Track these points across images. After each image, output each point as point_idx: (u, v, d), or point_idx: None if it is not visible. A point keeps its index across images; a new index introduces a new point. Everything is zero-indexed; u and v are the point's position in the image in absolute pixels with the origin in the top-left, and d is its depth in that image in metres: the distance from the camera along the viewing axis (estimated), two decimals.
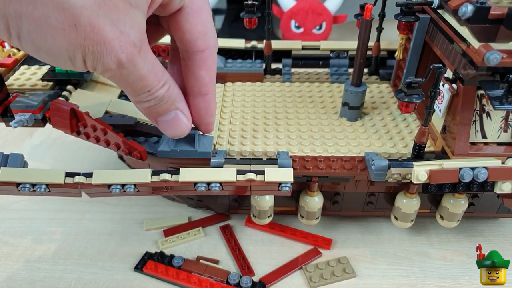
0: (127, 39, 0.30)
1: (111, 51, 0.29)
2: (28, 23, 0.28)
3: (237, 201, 0.52)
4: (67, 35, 0.28)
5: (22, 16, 0.27)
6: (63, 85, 0.50)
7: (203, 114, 0.39)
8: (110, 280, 0.47)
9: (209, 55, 0.37)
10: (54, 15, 0.27)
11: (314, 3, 0.95)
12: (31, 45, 0.29)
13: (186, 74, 0.37)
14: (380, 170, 0.41)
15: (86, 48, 0.29)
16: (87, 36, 0.28)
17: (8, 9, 0.27)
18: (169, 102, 0.36)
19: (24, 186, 0.41)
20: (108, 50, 0.29)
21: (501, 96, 0.38)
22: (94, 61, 0.30)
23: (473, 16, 0.36)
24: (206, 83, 0.38)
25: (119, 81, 0.32)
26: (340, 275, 0.47)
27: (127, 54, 0.30)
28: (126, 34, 0.30)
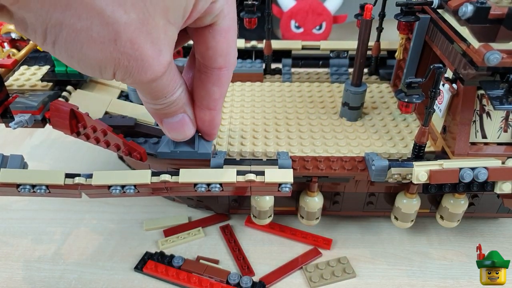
0: (164, 58, 0.31)
1: (148, 68, 0.31)
2: (68, 33, 0.28)
3: (237, 201, 0.52)
4: (104, 48, 0.29)
5: (63, 25, 0.28)
6: (62, 85, 0.50)
7: (207, 126, 0.40)
8: (110, 280, 0.47)
9: (226, 73, 0.37)
10: (96, 28, 0.28)
11: (314, 3, 0.95)
12: (65, 53, 0.30)
13: (199, 85, 0.37)
14: (380, 170, 0.41)
15: (121, 63, 0.30)
16: (125, 51, 0.29)
17: (50, 16, 0.28)
18: (178, 105, 0.36)
19: (24, 187, 0.41)
20: (145, 67, 0.31)
21: (501, 96, 0.38)
22: (125, 74, 0.31)
23: (473, 16, 0.36)
24: (216, 99, 0.38)
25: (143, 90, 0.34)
26: (340, 275, 0.47)
27: (162, 72, 0.31)
28: (164, 53, 0.31)
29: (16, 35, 0.56)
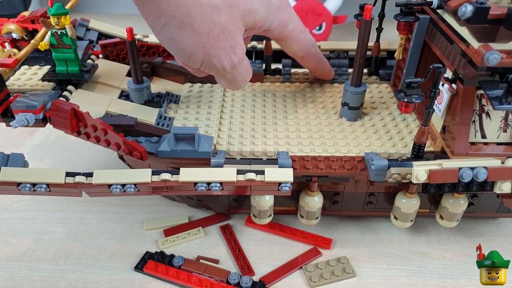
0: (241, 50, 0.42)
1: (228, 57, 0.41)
2: (178, 22, 0.38)
3: (237, 201, 0.52)
4: (200, 38, 0.39)
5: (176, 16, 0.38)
6: (63, 85, 0.50)
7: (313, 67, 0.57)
8: (111, 280, 0.47)
9: (308, 56, 0.53)
10: (197, 22, 0.39)
11: (313, 4, 0.95)
12: (168, 35, 0.39)
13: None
14: (379, 170, 0.41)
15: (209, 52, 0.40)
16: (214, 43, 0.40)
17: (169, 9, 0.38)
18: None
19: (25, 186, 0.41)
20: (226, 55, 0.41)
21: (500, 96, 0.38)
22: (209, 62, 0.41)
23: (473, 16, 0.36)
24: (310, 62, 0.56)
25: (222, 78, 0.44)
26: (340, 275, 0.47)
27: (239, 60, 0.42)
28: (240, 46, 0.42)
29: (17, 35, 0.56)
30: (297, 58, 0.54)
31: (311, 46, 0.52)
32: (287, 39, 0.49)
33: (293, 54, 0.53)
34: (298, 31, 0.49)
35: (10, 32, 0.56)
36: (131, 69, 0.50)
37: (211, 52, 0.40)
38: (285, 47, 0.51)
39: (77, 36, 0.55)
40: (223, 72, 0.42)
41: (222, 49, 0.41)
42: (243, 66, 0.44)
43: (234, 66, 0.42)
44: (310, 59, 0.54)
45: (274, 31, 0.46)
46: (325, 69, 0.58)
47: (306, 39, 0.51)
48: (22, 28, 0.56)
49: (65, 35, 0.47)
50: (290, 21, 0.47)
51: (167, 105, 0.54)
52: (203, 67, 0.42)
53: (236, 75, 0.44)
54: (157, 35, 0.41)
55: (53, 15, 0.46)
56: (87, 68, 0.52)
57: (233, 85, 0.46)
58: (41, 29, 0.54)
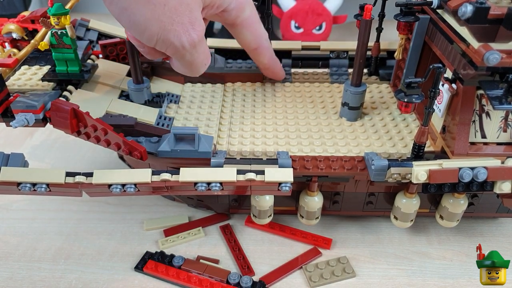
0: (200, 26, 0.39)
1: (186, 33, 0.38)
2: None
3: (237, 201, 0.52)
4: (155, 10, 0.36)
5: None
6: (63, 85, 0.50)
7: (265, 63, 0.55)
8: (111, 280, 0.47)
9: (261, 50, 0.52)
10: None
11: (314, 4, 0.95)
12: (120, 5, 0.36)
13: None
14: (379, 170, 0.41)
15: (165, 26, 0.37)
16: (170, 16, 0.37)
17: None
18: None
19: (25, 186, 0.41)
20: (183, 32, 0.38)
21: (500, 96, 0.38)
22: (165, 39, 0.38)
23: (473, 16, 0.36)
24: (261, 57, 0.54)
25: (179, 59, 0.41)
26: (340, 275, 0.47)
27: (198, 39, 0.39)
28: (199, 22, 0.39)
29: (17, 35, 0.56)
30: (249, 50, 0.52)
31: (265, 40, 0.51)
32: (242, 25, 0.47)
33: (246, 45, 0.51)
34: (254, 20, 0.48)
35: (10, 32, 0.56)
36: (131, 69, 0.50)
37: (167, 26, 0.37)
38: (239, 35, 0.49)
39: (77, 36, 0.55)
40: (182, 50, 0.39)
41: (180, 24, 0.38)
42: (203, 46, 0.41)
43: (193, 44, 0.39)
44: (262, 52, 0.52)
45: (231, 13, 0.45)
46: (276, 68, 0.56)
47: (261, 30, 0.50)
48: (22, 28, 0.56)
49: (65, 35, 0.47)
50: (247, 5, 0.46)
51: (167, 105, 0.54)
52: (159, 45, 0.39)
53: (195, 56, 0.41)
54: (109, 6, 0.38)
55: (53, 15, 0.46)
56: (87, 68, 0.52)
57: (192, 69, 0.43)
58: (41, 29, 0.54)
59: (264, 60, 0.54)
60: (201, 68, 0.44)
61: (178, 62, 0.43)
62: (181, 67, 0.44)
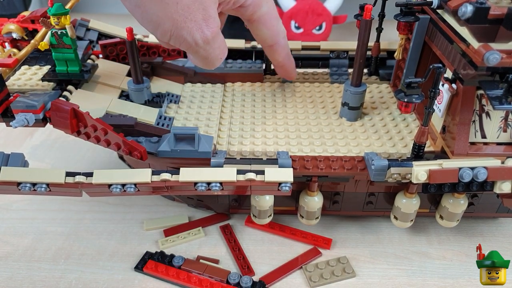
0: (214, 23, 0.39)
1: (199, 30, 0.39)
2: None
3: (237, 201, 0.52)
4: (167, 8, 0.37)
5: None
6: (63, 85, 0.50)
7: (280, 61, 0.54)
8: (111, 280, 0.47)
9: (277, 47, 0.51)
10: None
11: (314, 4, 0.95)
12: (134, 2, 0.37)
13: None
14: (379, 170, 0.41)
15: (178, 23, 0.37)
16: (183, 14, 0.37)
17: None
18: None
19: (25, 186, 0.41)
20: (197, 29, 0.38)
21: (500, 96, 0.38)
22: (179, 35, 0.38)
23: (473, 16, 0.36)
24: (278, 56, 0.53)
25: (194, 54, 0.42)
26: (340, 275, 0.47)
27: (212, 35, 0.39)
28: (214, 19, 0.39)
29: (17, 35, 0.56)
30: (266, 47, 0.52)
31: (282, 37, 0.51)
32: (259, 21, 0.47)
33: (262, 41, 0.50)
34: (272, 16, 0.47)
35: (10, 32, 0.56)
36: (131, 69, 0.50)
37: (180, 24, 0.38)
38: (255, 31, 0.49)
39: (77, 36, 0.55)
40: (196, 47, 0.40)
41: (193, 21, 0.38)
42: (217, 42, 0.41)
43: (207, 40, 0.40)
44: (278, 50, 0.51)
45: (248, 8, 0.44)
46: (290, 67, 0.55)
47: (278, 27, 0.49)
48: (22, 28, 0.56)
49: (65, 35, 0.47)
50: (264, 2, 0.45)
51: (167, 105, 0.54)
52: (173, 41, 0.40)
53: (210, 52, 0.41)
54: (124, 1, 0.38)
55: (53, 15, 0.46)
56: (87, 68, 0.52)
57: (208, 63, 0.44)
58: (41, 29, 0.54)
59: (279, 58, 0.53)
60: (216, 62, 0.44)
61: (194, 56, 0.43)
62: (196, 61, 0.44)
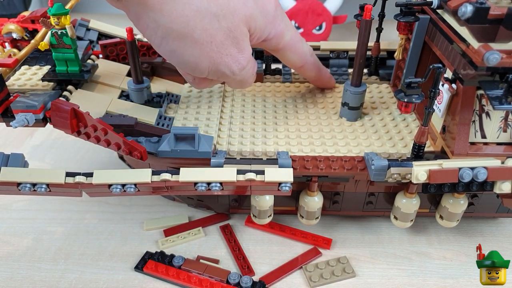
0: (247, 54, 0.42)
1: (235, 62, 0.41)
2: (177, 34, 0.38)
3: (237, 201, 0.52)
4: (203, 48, 0.39)
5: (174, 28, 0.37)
6: (63, 85, 0.50)
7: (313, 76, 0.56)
8: (111, 280, 0.47)
9: (306, 66, 0.53)
10: (197, 32, 0.38)
11: (313, 4, 0.95)
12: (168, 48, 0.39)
13: None
14: (379, 170, 0.41)
15: (215, 60, 0.40)
16: (218, 50, 0.39)
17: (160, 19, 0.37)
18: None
19: (25, 186, 0.41)
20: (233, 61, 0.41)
21: (500, 96, 0.38)
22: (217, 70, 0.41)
23: (473, 16, 0.36)
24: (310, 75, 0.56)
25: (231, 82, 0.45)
26: (340, 275, 0.47)
27: (244, 64, 0.42)
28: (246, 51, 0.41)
29: (17, 35, 0.56)
30: (296, 68, 0.54)
31: (309, 55, 0.52)
32: (284, 49, 0.48)
33: (291, 64, 0.52)
34: (295, 41, 0.49)
35: (10, 32, 0.56)
36: (131, 69, 0.50)
37: (217, 60, 0.40)
38: (283, 58, 0.51)
39: (77, 36, 0.55)
40: (233, 76, 0.42)
41: (229, 56, 0.40)
42: (250, 63, 0.44)
43: (243, 68, 0.42)
44: (309, 68, 0.53)
45: (271, 41, 0.46)
46: (325, 78, 0.57)
47: (304, 48, 0.51)
48: (22, 28, 0.56)
49: (65, 35, 0.47)
50: (286, 31, 0.47)
51: (167, 105, 0.54)
52: (211, 76, 0.42)
53: (245, 75, 0.44)
54: (157, 49, 0.40)
55: (53, 15, 0.46)
56: (87, 68, 0.52)
57: (243, 84, 0.46)
58: (41, 29, 0.54)
59: (312, 74, 0.55)
60: (251, 80, 0.46)
61: (230, 83, 0.45)
62: (233, 85, 0.47)
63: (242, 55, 0.41)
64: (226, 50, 0.40)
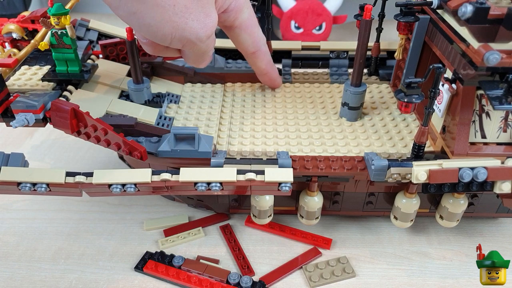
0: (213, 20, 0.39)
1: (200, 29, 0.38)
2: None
3: (237, 201, 0.52)
4: (165, 12, 0.36)
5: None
6: (63, 85, 0.50)
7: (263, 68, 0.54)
8: (111, 280, 0.47)
9: (259, 53, 0.51)
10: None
11: (313, 4, 0.95)
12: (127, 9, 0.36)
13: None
14: (379, 170, 0.41)
15: (179, 25, 0.37)
16: (182, 15, 0.37)
17: None
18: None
19: (25, 186, 0.41)
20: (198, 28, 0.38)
21: (500, 96, 0.38)
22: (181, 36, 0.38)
23: (473, 16, 0.36)
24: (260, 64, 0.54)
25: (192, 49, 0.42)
26: (339, 275, 0.47)
27: (210, 32, 0.40)
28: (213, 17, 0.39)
29: (17, 35, 0.56)
30: (247, 54, 0.52)
31: (263, 44, 0.51)
32: (240, 27, 0.47)
33: (244, 48, 0.51)
34: (252, 23, 0.48)
35: (10, 32, 0.56)
36: (131, 69, 0.50)
37: (181, 25, 0.37)
38: (237, 38, 0.49)
39: (77, 36, 0.55)
40: (199, 43, 0.40)
41: (196, 21, 0.38)
42: (213, 35, 0.41)
43: (209, 35, 0.40)
44: (260, 57, 0.52)
45: (230, 14, 0.44)
46: (273, 74, 0.56)
47: (259, 34, 0.50)
48: (22, 28, 0.56)
49: (65, 35, 0.47)
50: (246, 8, 0.46)
51: (167, 105, 0.54)
52: (174, 43, 0.39)
53: (210, 44, 0.42)
54: (115, 11, 0.37)
55: (53, 15, 0.46)
56: (87, 68, 0.52)
57: (205, 58, 0.44)
58: (41, 29, 0.54)
59: (262, 65, 0.54)
60: (210, 53, 0.45)
61: (191, 53, 0.43)
62: (191, 58, 0.44)
63: (209, 20, 0.39)
64: (192, 14, 0.37)
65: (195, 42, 0.39)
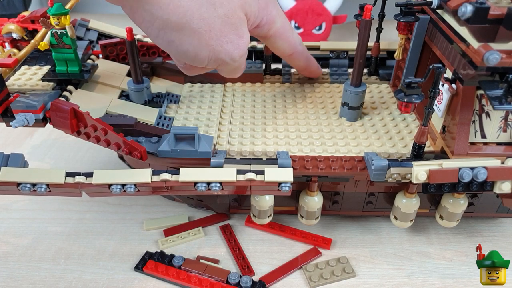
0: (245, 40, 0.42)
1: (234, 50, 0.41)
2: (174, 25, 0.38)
3: (237, 201, 0.52)
4: (201, 37, 0.39)
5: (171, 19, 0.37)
6: (63, 85, 0.50)
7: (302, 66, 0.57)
8: (111, 280, 0.47)
9: (296, 55, 0.53)
10: (195, 21, 0.38)
11: (313, 4, 0.95)
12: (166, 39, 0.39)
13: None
14: (379, 170, 0.41)
15: (215, 48, 0.40)
16: (218, 39, 0.39)
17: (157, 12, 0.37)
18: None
19: (25, 186, 0.41)
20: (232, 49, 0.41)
21: (500, 96, 0.38)
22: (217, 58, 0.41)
23: (473, 16, 0.36)
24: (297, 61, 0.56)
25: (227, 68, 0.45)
26: (339, 275, 0.47)
27: (244, 51, 0.42)
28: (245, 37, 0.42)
29: (17, 35, 0.56)
30: (285, 57, 0.54)
31: (299, 44, 0.53)
32: (275, 36, 0.48)
33: (281, 53, 0.52)
34: (286, 29, 0.49)
35: (10, 32, 0.56)
36: (131, 69, 0.50)
37: (217, 48, 0.40)
38: (273, 45, 0.51)
39: (77, 36, 0.55)
40: (233, 63, 0.43)
41: (230, 43, 0.40)
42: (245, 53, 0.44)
43: (242, 54, 0.42)
44: (297, 57, 0.54)
45: (263, 27, 0.46)
46: (313, 67, 0.58)
47: (293, 36, 0.51)
48: (22, 28, 0.56)
49: (65, 35, 0.47)
50: (278, 17, 0.47)
51: (167, 105, 0.54)
52: (210, 65, 0.42)
53: (242, 62, 0.44)
54: (154, 40, 0.40)
55: (53, 15, 0.46)
56: (87, 68, 0.52)
57: (237, 72, 0.47)
58: (41, 29, 0.54)
59: (300, 63, 0.56)
60: (243, 67, 0.47)
61: (224, 70, 0.45)
62: (226, 73, 0.47)
63: (242, 41, 0.41)
64: (226, 37, 0.40)
65: (229, 62, 0.42)
